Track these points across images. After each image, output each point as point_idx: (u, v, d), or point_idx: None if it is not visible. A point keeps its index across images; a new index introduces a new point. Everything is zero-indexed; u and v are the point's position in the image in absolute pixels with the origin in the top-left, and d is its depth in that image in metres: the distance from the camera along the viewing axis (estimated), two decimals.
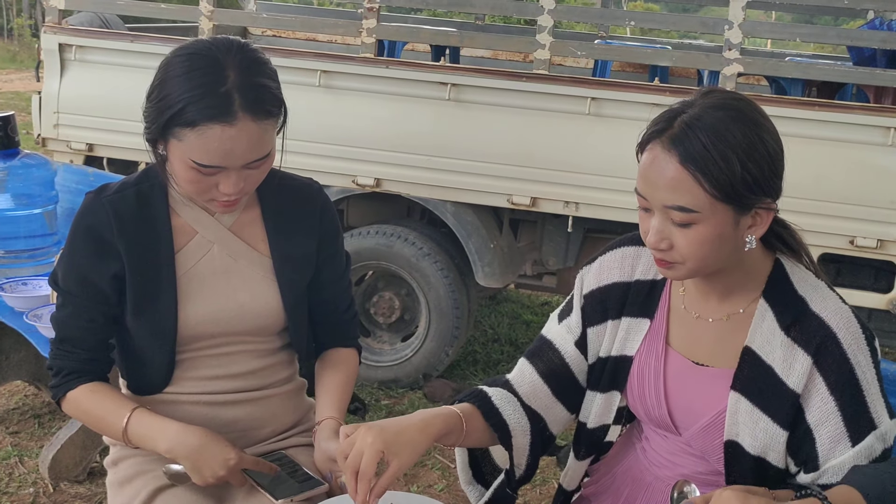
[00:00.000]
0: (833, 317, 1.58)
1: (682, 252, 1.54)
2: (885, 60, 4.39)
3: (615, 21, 5.42)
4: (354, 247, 4.39)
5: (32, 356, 3.55)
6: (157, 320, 1.84)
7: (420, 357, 4.51)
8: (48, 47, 4.64)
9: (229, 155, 1.70)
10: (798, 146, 3.90)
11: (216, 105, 1.67)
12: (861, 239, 3.86)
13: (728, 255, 1.57)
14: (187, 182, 1.76)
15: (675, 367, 1.71)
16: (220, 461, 1.77)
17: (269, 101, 1.73)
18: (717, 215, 1.50)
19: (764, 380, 1.60)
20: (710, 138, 1.48)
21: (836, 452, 1.55)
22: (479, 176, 4.21)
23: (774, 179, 1.54)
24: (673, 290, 1.75)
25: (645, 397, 1.73)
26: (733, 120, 1.50)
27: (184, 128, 1.68)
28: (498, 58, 5.85)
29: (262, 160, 1.76)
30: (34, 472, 3.48)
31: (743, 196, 1.50)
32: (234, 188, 1.75)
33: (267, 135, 1.75)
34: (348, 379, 2.04)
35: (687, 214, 1.51)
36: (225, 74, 1.69)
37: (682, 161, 1.49)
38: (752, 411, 1.61)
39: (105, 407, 1.85)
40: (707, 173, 1.47)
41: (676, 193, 1.50)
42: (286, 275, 1.92)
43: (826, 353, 1.56)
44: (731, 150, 1.48)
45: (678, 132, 1.50)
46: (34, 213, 3.35)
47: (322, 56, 4.43)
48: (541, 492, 3.63)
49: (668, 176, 1.50)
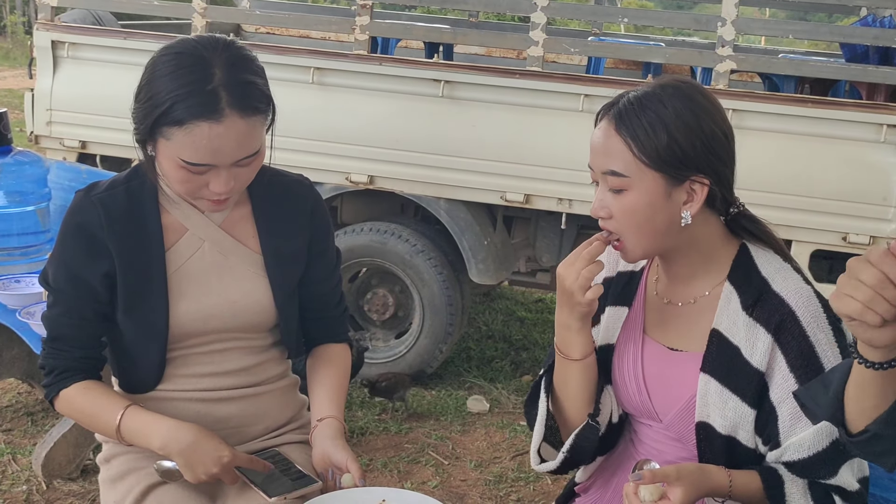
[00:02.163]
0: (792, 295, 1.62)
1: (618, 220, 1.64)
2: (877, 57, 4.39)
3: (609, 18, 5.42)
4: (348, 244, 4.39)
5: (25, 354, 3.55)
6: (149, 318, 1.84)
7: (414, 354, 4.51)
8: (41, 44, 4.62)
9: (218, 153, 1.70)
10: (791, 143, 3.91)
11: (203, 103, 1.67)
12: (854, 235, 3.87)
13: (666, 230, 1.63)
14: (177, 181, 1.76)
15: (651, 353, 1.76)
16: (214, 458, 1.77)
17: (256, 98, 1.73)
18: (647, 182, 1.60)
19: (731, 360, 1.65)
20: (643, 110, 1.61)
21: (797, 429, 1.59)
22: (472, 173, 4.21)
23: (709, 157, 1.61)
24: (648, 279, 1.81)
25: (625, 383, 1.78)
26: (670, 96, 1.62)
27: (171, 126, 1.68)
28: (491, 55, 5.84)
29: (252, 157, 1.76)
30: (27, 469, 3.48)
31: (671, 166, 1.59)
32: (225, 187, 1.75)
33: (255, 131, 1.75)
34: (344, 375, 2.05)
35: (618, 179, 1.62)
36: (211, 72, 1.69)
37: (617, 128, 1.62)
38: (722, 392, 1.65)
39: (98, 405, 1.85)
40: (635, 138, 1.60)
41: (609, 158, 1.63)
42: (277, 271, 1.92)
43: (785, 331, 1.61)
44: (660, 120, 1.59)
45: (621, 107, 1.64)
46: (27, 211, 3.35)
47: (315, 53, 4.42)
48: (534, 488, 3.63)
49: (604, 142, 1.64)
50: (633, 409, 1.80)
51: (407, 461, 3.83)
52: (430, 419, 4.25)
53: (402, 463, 3.81)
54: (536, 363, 5.03)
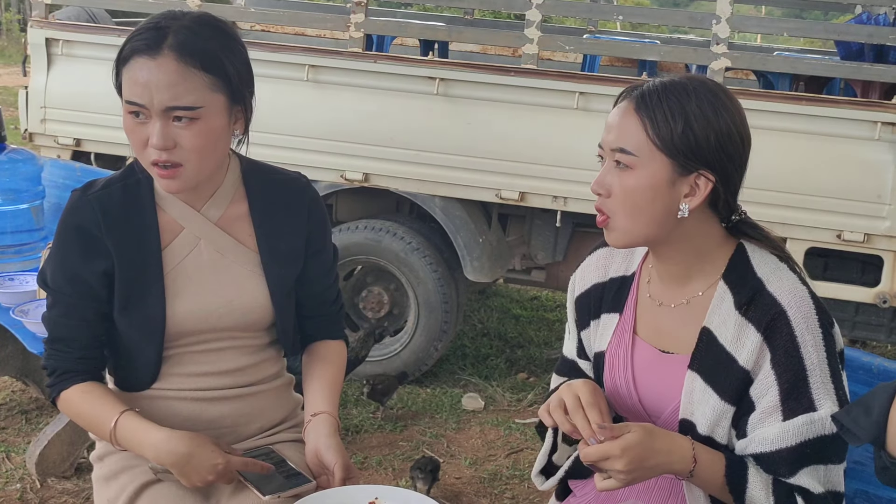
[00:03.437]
0: (786, 295, 1.61)
1: (617, 199, 1.63)
2: (872, 55, 4.40)
3: (604, 16, 5.42)
4: (343, 242, 4.38)
5: (19, 352, 3.54)
6: (145, 317, 1.83)
7: (409, 352, 4.51)
8: (35, 42, 4.61)
9: (146, 89, 1.69)
10: (786, 140, 3.91)
11: (148, 38, 1.71)
12: (848, 233, 3.88)
13: (661, 219, 1.62)
14: (128, 134, 1.76)
15: (641, 355, 1.76)
16: (209, 467, 1.76)
17: (204, 52, 1.72)
18: (654, 165, 1.60)
19: (717, 358, 1.64)
20: (667, 95, 1.61)
21: (766, 423, 1.60)
22: (467, 171, 4.21)
23: (720, 154, 1.61)
24: (641, 282, 1.80)
25: (616, 388, 1.78)
26: (696, 89, 1.62)
27: (122, 66, 1.73)
28: (487, 52, 5.84)
29: (185, 111, 1.71)
30: (21, 468, 3.47)
31: (681, 154, 1.59)
32: (157, 139, 1.70)
33: (190, 83, 1.71)
34: (339, 372, 2.04)
35: (627, 156, 1.61)
36: (174, 21, 1.73)
37: (637, 108, 1.62)
38: (705, 389, 1.65)
39: (94, 411, 1.84)
40: (653, 120, 1.60)
41: (622, 135, 1.62)
42: (274, 270, 1.91)
43: (775, 331, 1.60)
44: (681, 108, 1.59)
45: (644, 89, 1.64)
46: (21, 209, 3.34)
47: (310, 51, 4.42)
48: (529, 486, 3.63)
49: (620, 120, 1.63)
50: (625, 412, 1.80)
51: (402, 459, 3.83)
52: (425, 417, 4.25)
53: (397, 461, 3.81)
54: (531, 361, 5.03)
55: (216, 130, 1.76)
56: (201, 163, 1.77)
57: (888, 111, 3.80)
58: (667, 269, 1.73)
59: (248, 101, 1.82)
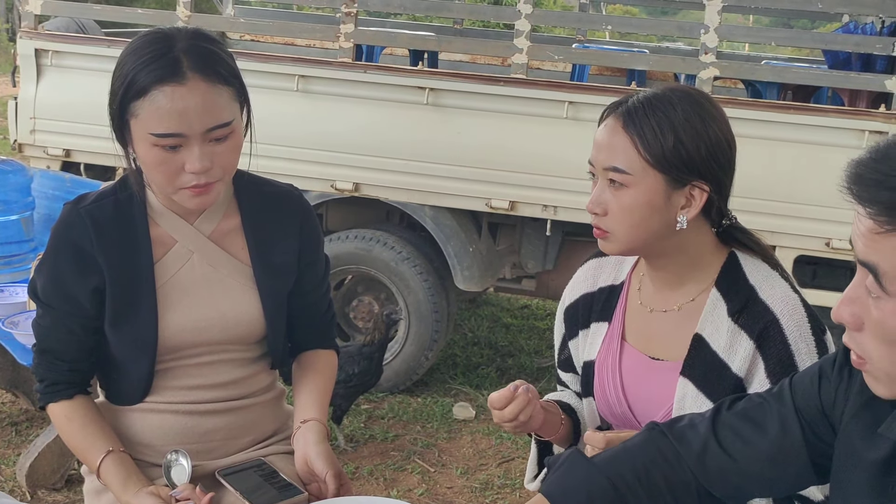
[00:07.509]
0: (778, 303, 1.63)
1: (615, 217, 1.63)
2: (859, 64, 4.43)
3: (592, 25, 5.45)
4: (333, 251, 4.38)
5: (9, 363, 3.53)
6: (137, 331, 1.82)
7: (400, 361, 4.50)
8: (24, 52, 4.60)
9: (184, 117, 1.66)
10: (774, 149, 3.93)
11: (164, 66, 1.66)
12: (837, 241, 3.89)
13: (660, 232, 1.63)
14: (154, 167, 1.71)
15: (631, 362, 1.77)
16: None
17: (219, 65, 1.71)
18: (648, 181, 1.60)
19: (710, 365, 1.65)
20: (653, 110, 1.61)
21: None
22: (457, 180, 4.22)
23: (711, 163, 1.62)
24: (631, 289, 1.81)
25: (606, 396, 1.79)
26: (680, 100, 1.63)
27: (137, 100, 1.67)
28: (476, 62, 5.85)
29: (223, 128, 1.70)
30: (11, 479, 3.46)
31: (675, 168, 1.60)
32: (200, 163, 1.69)
33: (221, 99, 1.70)
34: (330, 380, 2.04)
35: (621, 175, 1.62)
36: (173, 44, 1.69)
37: (624, 125, 1.62)
38: (698, 396, 1.66)
39: (80, 444, 1.83)
40: (642, 137, 1.60)
41: (614, 154, 1.62)
42: (267, 283, 1.91)
43: (768, 338, 1.61)
44: (669, 123, 1.60)
45: (630, 105, 1.63)
46: (10, 220, 3.34)
47: (300, 61, 4.42)
48: (520, 495, 3.63)
49: (610, 139, 1.64)
50: (614, 420, 1.81)
51: (393, 469, 3.82)
52: (416, 426, 4.25)
53: (389, 470, 3.81)
54: (522, 369, 5.04)
55: (241, 139, 1.78)
56: (231, 174, 1.80)
57: (875, 119, 3.83)
58: (659, 276, 1.74)
59: (249, 106, 1.83)
